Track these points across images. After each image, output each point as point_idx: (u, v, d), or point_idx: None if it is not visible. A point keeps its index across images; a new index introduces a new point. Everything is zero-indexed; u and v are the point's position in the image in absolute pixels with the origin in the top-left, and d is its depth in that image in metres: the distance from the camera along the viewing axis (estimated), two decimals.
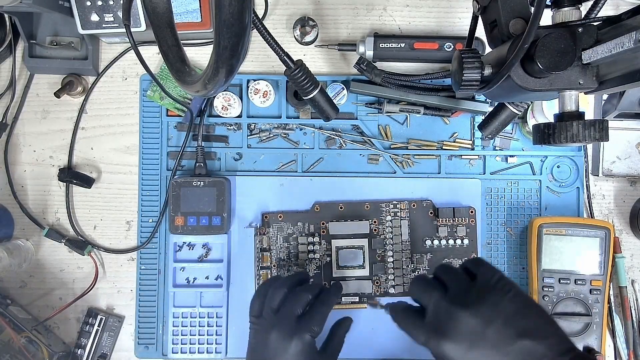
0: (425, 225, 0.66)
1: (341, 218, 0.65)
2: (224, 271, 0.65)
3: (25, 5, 0.55)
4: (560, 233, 0.63)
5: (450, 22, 0.67)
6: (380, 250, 0.65)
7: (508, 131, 0.67)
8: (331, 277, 0.65)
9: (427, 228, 0.66)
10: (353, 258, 0.65)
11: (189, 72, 0.45)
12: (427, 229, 0.66)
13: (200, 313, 0.66)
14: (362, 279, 0.65)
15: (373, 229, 0.65)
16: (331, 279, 0.65)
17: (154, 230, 0.66)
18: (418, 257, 0.66)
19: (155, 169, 0.67)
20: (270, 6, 0.67)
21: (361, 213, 0.66)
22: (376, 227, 0.66)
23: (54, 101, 0.67)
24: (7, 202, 0.67)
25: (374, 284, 0.65)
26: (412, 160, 0.67)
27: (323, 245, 0.65)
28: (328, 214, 0.65)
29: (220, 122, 0.67)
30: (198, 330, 0.66)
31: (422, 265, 0.65)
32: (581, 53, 0.39)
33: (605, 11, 0.40)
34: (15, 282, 0.67)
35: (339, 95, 0.65)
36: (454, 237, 0.65)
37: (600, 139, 0.39)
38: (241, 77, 0.67)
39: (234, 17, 0.32)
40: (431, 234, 0.66)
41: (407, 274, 0.65)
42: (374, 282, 0.65)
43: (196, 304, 0.66)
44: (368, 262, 0.65)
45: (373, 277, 0.65)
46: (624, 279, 0.65)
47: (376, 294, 0.65)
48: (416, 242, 0.66)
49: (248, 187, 0.66)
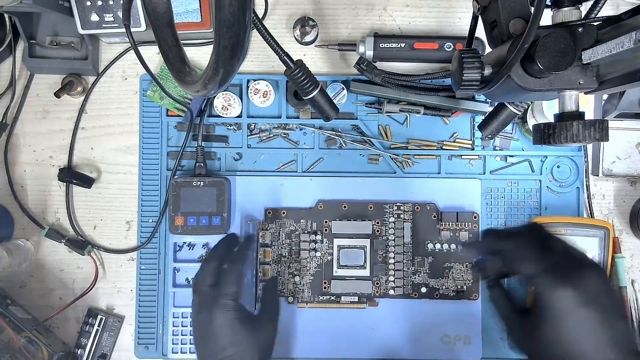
0: (428, 228, 0.65)
1: (344, 217, 0.65)
2: None
3: (25, 5, 0.55)
4: (559, 233, 0.63)
5: (450, 22, 0.67)
6: (381, 252, 0.65)
7: (508, 131, 0.67)
8: (332, 275, 0.65)
9: (430, 231, 0.65)
10: (354, 258, 0.65)
11: (189, 72, 0.45)
12: (430, 232, 0.65)
13: None
14: (363, 279, 0.65)
15: (376, 230, 0.65)
16: (331, 277, 0.65)
17: (154, 230, 0.66)
18: (419, 260, 0.65)
19: (155, 169, 0.67)
20: (270, 6, 0.67)
21: (364, 213, 0.66)
22: (379, 228, 0.65)
23: (54, 101, 0.67)
24: (7, 202, 0.67)
25: (374, 285, 0.65)
26: (412, 160, 0.67)
27: (325, 243, 0.65)
28: (331, 213, 0.65)
29: (220, 122, 0.67)
30: None
31: (423, 268, 0.65)
32: (581, 53, 0.39)
33: (605, 11, 0.40)
34: (15, 282, 0.67)
35: (339, 95, 0.65)
36: (456, 241, 0.65)
37: (600, 139, 0.39)
38: (241, 77, 0.67)
39: (234, 17, 0.32)
40: (433, 238, 0.65)
41: (408, 276, 0.65)
42: (374, 283, 0.65)
43: None
44: (369, 263, 0.65)
45: (373, 278, 0.65)
46: (623, 280, 0.65)
47: (376, 294, 0.65)
48: (418, 245, 0.65)
49: (248, 187, 0.66)
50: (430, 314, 0.66)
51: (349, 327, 0.65)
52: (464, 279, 0.65)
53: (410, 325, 0.66)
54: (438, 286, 0.65)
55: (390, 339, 0.65)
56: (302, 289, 0.65)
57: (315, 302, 0.65)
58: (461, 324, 0.66)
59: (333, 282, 0.65)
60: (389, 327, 0.66)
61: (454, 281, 0.65)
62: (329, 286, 0.65)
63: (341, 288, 0.65)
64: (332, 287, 0.64)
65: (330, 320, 0.65)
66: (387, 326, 0.65)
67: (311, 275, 0.65)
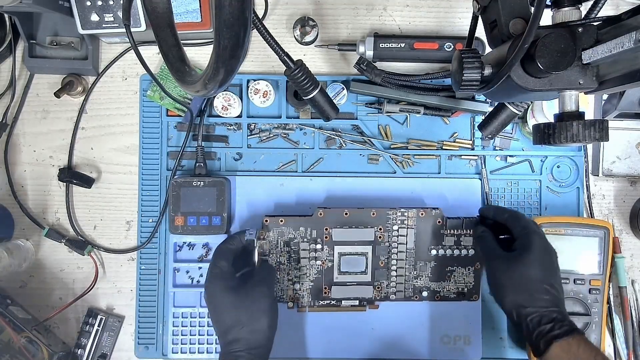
0: (432, 233, 0.64)
1: (345, 224, 0.63)
2: None
3: (25, 5, 0.55)
4: (559, 233, 0.63)
5: (450, 22, 0.67)
6: (384, 257, 0.64)
7: (508, 131, 0.67)
8: (332, 281, 0.64)
9: (434, 237, 0.64)
10: (355, 264, 0.64)
11: (189, 72, 0.45)
12: (434, 237, 0.64)
13: (200, 313, 0.66)
14: (363, 284, 0.64)
15: (378, 236, 0.63)
16: (332, 283, 0.64)
17: (154, 230, 0.66)
18: (422, 265, 0.64)
19: (155, 169, 0.67)
20: (270, 6, 0.67)
21: (367, 220, 0.63)
22: (381, 234, 0.64)
23: (54, 101, 0.67)
24: (7, 202, 0.67)
25: (374, 289, 0.64)
26: (412, 160, 0.67)
27: (325, 250, 0.63)
28: (332, 220, 0.63)
29: (220, 122, 0.67)
30: (198, 330, 0.66)
31: (425, 273, 0.64)
32: (581, 53, 0.39)
33: (605, 11, 0.40)
34: (15, 282, 0.67)
35: (339, 95, 0.65)
36: (459, 247, 0.64)
37: (600, 139, 0.39)
38: (241, 77, 0.67)
39: (234, 17, 0.32)
40: (437, 243, 0.64)
41: (410, 280, 0.64)
42: (375, 288, 0.64)
43: (196, 304, 0.66)
44: (370, 268, 0.64)
45: (375, 283, 0.64)
46: (623, 279, 0.65)
47: (377, 298, 0.65)
48: (421, 250, 0.64)
49: (248, 187, 0.66)
50: (430, 315, 0.65)
51: (350, 328, 0.65)
52: (466, 282, 0.65)
53: (409, 326, 0.65)
54: (440, 289, 0.65)
55: (391, 339, 0.65)
56: (302, 295, 0.64)
57: (316, 306, 0.64)
58: (461, 324, 0.65)
59: (334, 287, 0.63)
60: (389, 328, 0.65)
61: (456, 284, 0.65)
62: (329, 292, 0.64)
63: (342, 293, 0.64)
64: (333, 293, 0.63)
65: (330, 322, 0.65)
66: (387, 327, 0.65)
67: (311, 281, 0.64)
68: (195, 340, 0.66)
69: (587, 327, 0.62)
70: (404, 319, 0.66)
